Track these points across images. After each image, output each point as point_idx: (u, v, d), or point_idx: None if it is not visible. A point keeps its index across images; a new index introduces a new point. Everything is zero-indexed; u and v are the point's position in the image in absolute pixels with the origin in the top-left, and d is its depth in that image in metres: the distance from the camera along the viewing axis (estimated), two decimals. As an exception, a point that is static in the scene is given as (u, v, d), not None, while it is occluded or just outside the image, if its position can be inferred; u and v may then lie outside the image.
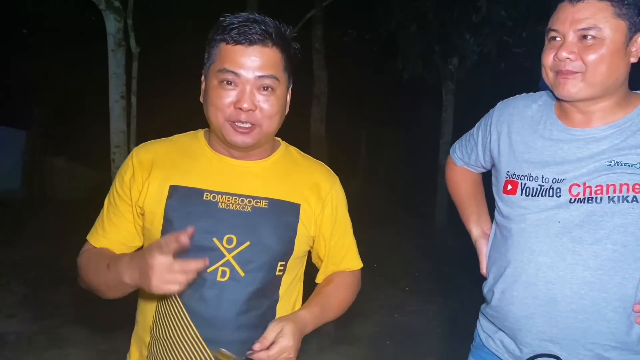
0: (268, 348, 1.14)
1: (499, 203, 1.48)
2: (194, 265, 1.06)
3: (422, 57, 7.47)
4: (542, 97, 1.49)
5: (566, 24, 1.32)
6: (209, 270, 1.21)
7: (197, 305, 1.22)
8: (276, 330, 1.15)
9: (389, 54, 8.36)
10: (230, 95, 1.19)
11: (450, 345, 3.87)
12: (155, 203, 1.24)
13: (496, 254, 1.50)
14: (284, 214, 1.27)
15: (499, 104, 1.57)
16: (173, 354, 1.25)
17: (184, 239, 1.05)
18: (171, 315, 1.24)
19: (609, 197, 1.29)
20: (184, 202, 1.23)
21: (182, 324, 1.24)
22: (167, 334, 1.25)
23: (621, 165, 1.30)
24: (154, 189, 1.25)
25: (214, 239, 1.21)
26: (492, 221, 1.59)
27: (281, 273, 1.28)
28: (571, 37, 1.31)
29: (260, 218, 1.24)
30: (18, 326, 3.99)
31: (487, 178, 1.60)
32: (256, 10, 7.62)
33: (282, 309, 1.31)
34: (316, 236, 1.34)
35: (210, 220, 1.22)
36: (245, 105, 1.17)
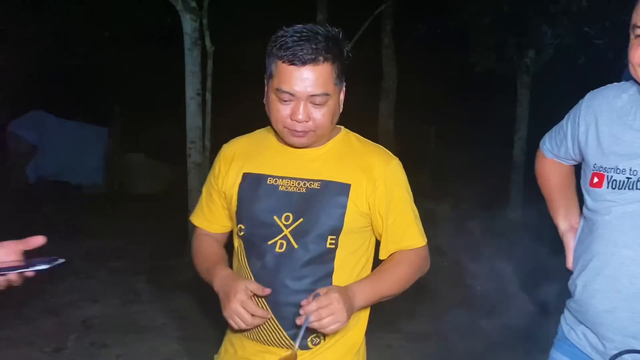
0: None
1: (586, 196, 1.44)
2: (260, 313, 1.33)
3: (494, 50, 7.26)
4: (633, 86, 1.41)
5: None
6: (269, 242, 1.42)
7: (260, 272, 1.42)
8: (322, 291, 1.29)
9: (460, 48, 8.18)
10: (286, 109, 1.37)
11: (522, 345, 3.75)
12: (232, 188, 1.49)
13: (581, 247, 1.46)
14: (335, 194, 1.42)
15: (588, 94, 1.50)
16: None
17: (266, 292, 1.35)
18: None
19: None
20: (252, 186, 1.46)
21: None
22: None
23: None
24: (232, 176, 1.50)
25: (275, 217, 1.42)
26: (581, 215, 1.53)
27: (333, 246, 1.42)
28: None
29: (313, 198, 1.42)
30: (101, 311, 4.27)
31: (579, 171, 1.54)
32: (326, 7, 7.64)
33: (339, 280, 1.41)
34: (372, 214, 1.46)
35: (272, 201, 1.43)
36: (300, 117, 1.36)
